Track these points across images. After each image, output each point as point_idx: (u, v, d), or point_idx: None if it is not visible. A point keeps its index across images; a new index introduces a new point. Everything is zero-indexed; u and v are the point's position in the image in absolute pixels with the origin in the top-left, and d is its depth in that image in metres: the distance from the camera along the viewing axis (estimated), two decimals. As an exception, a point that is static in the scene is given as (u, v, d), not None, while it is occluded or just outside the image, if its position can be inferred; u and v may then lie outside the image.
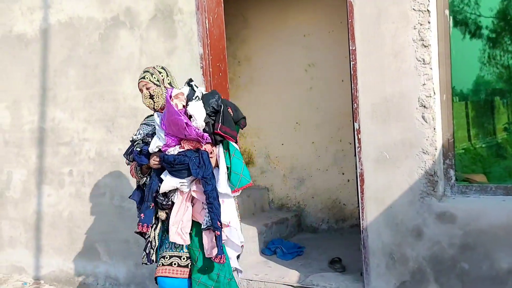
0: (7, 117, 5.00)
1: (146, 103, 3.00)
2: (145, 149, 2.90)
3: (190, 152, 2.77)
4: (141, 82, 3.02)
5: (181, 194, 2.85)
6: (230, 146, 2.90)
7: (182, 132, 2.75)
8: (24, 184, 4.99)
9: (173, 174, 2.78)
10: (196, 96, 2.85)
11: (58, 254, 4.80)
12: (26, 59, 4.83)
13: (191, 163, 2.73)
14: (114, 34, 4.30)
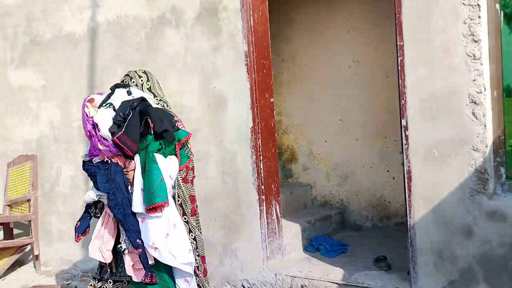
0: (57, 115, 5.21)
1: None
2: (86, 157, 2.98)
3: (102, 164, 2.73)
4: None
5: (106, 208, 2.82)
6: (147, 159, 2.73)
7: (91, 142, 2.76)
8: (72, 179, 5.18)
9: (94, 185, 2.79)
10: (107, 103, 2.78)
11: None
12: (75, 58, 5.01)
13: (99, 176, 2.69)
14: (160, 33, 4.42)
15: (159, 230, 2.72)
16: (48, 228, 5.43)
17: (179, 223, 2.88)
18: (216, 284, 4.27)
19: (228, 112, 4.12)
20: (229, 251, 4.19)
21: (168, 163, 2.80)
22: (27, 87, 5.43)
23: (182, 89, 4.33)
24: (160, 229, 2.72)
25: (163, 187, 2.68)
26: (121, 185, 2.69)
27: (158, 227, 2.72)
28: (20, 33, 5.42)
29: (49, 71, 5.23)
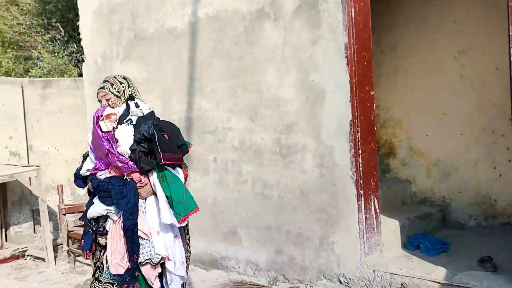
0: (159, 107, 5.49)
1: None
2: (77, 172, 2.93)
3: (115, 180, 2.71)
4: (100, 93, 2.95)
5: (113, 222, 2.80)
6: (166, 173, 2.75)
7: (104, 156, 2.71)
8: (172, 169, 5.44)
9: (100, 200, 2.75)
10: (128, 120, 2.76)
11: (202, 236, 5.19)
12: (176, 52, 5.25)
13: (114, 192, 2.65)
14: (259, 26, 4.52)
15: (171, 242, 2.83)
16: (149, 215, 5.75)
17: (179, 234, 2.96)
18: (311, 277, 4.34)
19: (326, 105, 4.14)
20: (326, 244, 4.23)
21: (181, 173, 2.88)
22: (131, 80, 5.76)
23: (280, 82, 4.42)
24: (172, 240, 2.83)
25: (190, 195, 2.81)
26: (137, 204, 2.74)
27: (171, 239, 2.83)
28: (125, 29, 5.76)
29: (152, 64, 5.53)
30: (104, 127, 2.70)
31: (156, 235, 2.79)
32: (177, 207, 2.71)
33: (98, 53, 6.15)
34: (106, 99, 2.89)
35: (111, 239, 2.74)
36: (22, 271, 5.68)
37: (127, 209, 2.65)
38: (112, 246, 2.73)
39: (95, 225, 2.80)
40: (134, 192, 2.69)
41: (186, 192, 2.79)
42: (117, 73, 3.13)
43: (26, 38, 7.85)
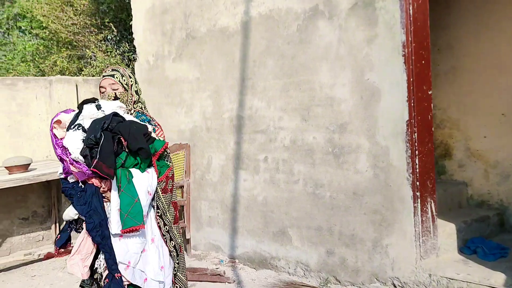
0: (210, 106, 5.55)
1: None
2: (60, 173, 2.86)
3: (77, 185, 2.70)
4: (107, 80, 2.84)
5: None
6: (122, 180, 2.64)
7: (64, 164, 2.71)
8: (222, 168, 5.49)
9: (72, 204, 2.74)
10: (76, 125, 2.63)
11: (252, 236, 5.20)
12: (227, 51, 5.29)
13: (75, 198, 2.67)
14: (313, 24, 4.49)
15: (137, 248, 2.72)
16: (198, 213, 5.82)
17: (157, 237, 2.85)
18: (364, 280, 4.28)
19: (382, 105, 4.08)
20: (379, 247, 4.16)
21: (145, 178, 2.74)
22: (182, 79, 5.86)
23: (333, 82, 4.38)
24: (137, 246, 2.72)
25: (138, 209, 2.64)
26: (98, 207, 2.64)
27: (135, 245, 2.71)
28: (177, 29, 5.85)
29: (203, 64, 5.59)
30: (58, 134, 2.65)
31: (118, 240, 2.68)
32: (121, 217, 2.63)
33: (150, 53, 6.26)
34: (113, 88, 2.83)
35: (81, 239, 2.71)
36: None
37: (85, 213, 2.61)
38: (80, 246, 2.70)
39: (75, 225, 2.80)
40: (94, 196, 2.61)
41: (135, 205, 2.63)
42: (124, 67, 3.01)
43: (80, 38, 8.07)
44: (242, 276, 4.99)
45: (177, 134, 6.01)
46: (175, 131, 6.03)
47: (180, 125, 5.96)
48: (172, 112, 6.06)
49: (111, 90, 2.82)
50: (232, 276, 4.98)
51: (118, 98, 2.82)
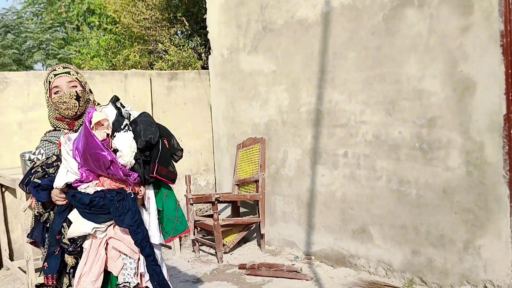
0: (286, 99, 5.48)
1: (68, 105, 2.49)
2: (44, 183, 2.35)
3: (111, 194, 2.31)
4: (62, 78, 2.50)
5: (93, 238, 2.40)
6: (162, 184, 2.48)
7: (104, 170, 2.28)
8: (298, 163, 5.42)
9: (86, 217, 2.32)
10: (125, 125, 2.34)
11: (329, 232, 5.11)
12: (306, 43, 5.20)
13: (113, 209, 2.29)
14: (400, 14, 4.34)
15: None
16: (272, 208, 5.78)
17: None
18: (452, 282, 4.11)
19: (476, 98, 3.88)
20: (471, 248, 3.98)
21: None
22: (257, 72, 5.82)
23: (422, 74, 4.21)
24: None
25: (182, 212, 2.56)
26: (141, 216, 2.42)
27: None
28: (253, 21, 5.81)
29: (280, 56, 5.52)
30: (99, 136, 2.29)
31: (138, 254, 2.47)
32: (167, 225, 2.49)
33: (225, 46, 6.26)
34: (72, 86, 2.50)
35: (85, 259, 2.36)
36: (149, 257, 5.92)
37: (133, 223, 2.31)
38: (85, 266, 2.35)
39: (71, 245, 2.33)
40: (137, 206, 2.36)
41: (179, 209, 2.54)
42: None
43: (151, 32, 8.19)
44: (319, 274, 4.91)
45: (251, 128, 5.98)
46: (249, 125, 6.01)
47: (254, 118, 5.93)
48: (246, 106, 6.04)
49: (69, 89, 2.48)
50: (309, 273, 4.91)
51: (80, 98, 2.50)
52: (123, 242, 2.36)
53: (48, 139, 2.58)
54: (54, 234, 2.32)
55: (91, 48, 10.20)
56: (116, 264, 2.40)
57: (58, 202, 2.34)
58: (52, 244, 2.34)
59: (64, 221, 2.32)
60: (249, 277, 5.00)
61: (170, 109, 7.04)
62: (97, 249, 2.37)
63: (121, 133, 2.31)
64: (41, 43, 13.06)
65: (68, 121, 2.58)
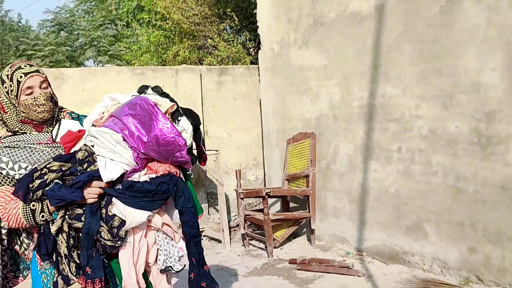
0: (337, 93, 5.46)
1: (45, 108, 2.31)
2: (83, 178, 2.18)
3: (166, 179, 2.30)
4: (34, 77, 2.29)
5: (133, 231, 2.32)
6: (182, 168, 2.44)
7: (170, 155, 2.26)
8: (350, 158, 5.39)
9: (139, 206, 2.24)
10: (180, 113, 2.36)
11: (382, 228, 5.06)
12: (358, 37, 5.16)
13: (173, 193, 2.30)
14: (458, 5, 4.25)
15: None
16: (323, 203, 5.78)
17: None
18: (510, 280, 4.01)
19: (539, 91, 3.77)
20: (532, 246, 3.87)
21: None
22: (308, 66, 5.82)
23: (481, 66, 4.11)
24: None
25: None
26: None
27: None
28: (304, 15, 5.81)
29: (331, 50, 5.50)
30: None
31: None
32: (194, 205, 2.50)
33: (275, 41, 6.28)
34: (44, 87, 2.32)
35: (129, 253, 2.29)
36: (200, 251, 6.02)
37: (190, 205, 2.31)
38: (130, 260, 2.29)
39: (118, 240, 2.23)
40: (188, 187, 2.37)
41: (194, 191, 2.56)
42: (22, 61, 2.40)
43: (201, 28, 8.30)
44: (372, 270, 4.88)
45: (302, 123, 5.99)
46: (300, 120, 6.01)
47: (305, 113, 5.94)
48: (296, 101, 6.05)
49: (44, 90, 2.32)
50: (361, 270, 4.89)
51: (53, 99, 2.36)
52: (171, 227, 2.37)
53: (9, 145, 2.28)
54: (92, 235, 2.18)
55: (141, 45, 10.42)
56: (152, 252, 2.37)
57: (90, 200, 2.19)
58: (90, 247, 2.19)
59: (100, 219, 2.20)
60: (300, 272, 5.03)
61: (219, 104, 7.13)
62: (139, 241, 2.32)
63: (183, 117, 2.32)
64: (93, 40, 13.45)
65: (36, 124, 2.34)
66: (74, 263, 2.23)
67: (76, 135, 2.30)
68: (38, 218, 2.18)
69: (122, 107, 2.26)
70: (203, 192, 6.97)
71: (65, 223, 2.21)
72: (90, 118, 2.33)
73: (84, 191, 2.17)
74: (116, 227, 2.21)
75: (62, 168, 2.18)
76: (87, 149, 2.23)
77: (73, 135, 2.31)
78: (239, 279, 4.97)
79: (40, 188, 2.15)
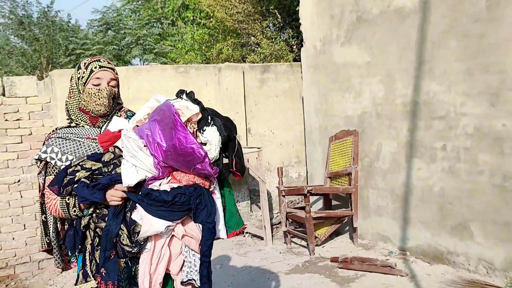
0: (380, 91, 5.40)
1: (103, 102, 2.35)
2: (104, 181, 2.18)
3: (189, 190, 2.19)
4: (107, 72, 2.37)
5: (155, 238, 2.25)
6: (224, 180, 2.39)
7: (191, 166, 2.16)
8: (393, 156, 5.33)
9: (159, 215, 2.17)
10: (210, 119, 2.25)
11: (426, 228, 4.99)
12: (402, 33, 5.09)
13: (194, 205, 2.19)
14: (505, 0, 4.13)
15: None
16: (365, 202, 5.73)
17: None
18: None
19: None
20: None
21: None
22: (351, 63, 5.78)
23: (530, 62, 3.99)
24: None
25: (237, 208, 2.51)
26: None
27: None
28: (346, 11, 5.77)
29: (374, 47, 5.45)
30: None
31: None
32: (230, 219, 2.44)
33: (318, 37, 6.26)
34: (112, 85, 2.39)
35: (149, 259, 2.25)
36: (242, 247, 6.09)
37: (210, 221, 2.21)
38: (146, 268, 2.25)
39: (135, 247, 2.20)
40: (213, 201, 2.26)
41: (235, 205, 2.50)
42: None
43: (244, 26, 8.36)
44: (415, 270, 4.82)
45: (344, 120, 5.96)
46: (342, 117, 5.98)
47: (347, 111, 5.90)
48: (339, 98, 6.02)
49: (110, 87, 2.38)
50: (404, 269, 4.82)
51: (114, 99, 2.43)
52: (195, 239, 2.25)
53: (62, 136, 2.38)
54: (111, 237, 2.17)
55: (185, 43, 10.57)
56: (176, 262, 2.30)
57: (113, 203, 2.18)
58: (108, 248, 2.17)
59: (121, 223, 2.18)
60: (342, 270, 5.01)
61: (262, 102, 7.17)
62: (161, 249, 2.25)
63: (209, 127, 2.23)
64: (139, 38, 13.73)
65: (92, 116, 2.40)
66: (96, 262, 2.25)
67: (112, 135, 2.32)
68: (72, 211, 2.23)
69: (153, 111, 2.24)
70: (245, 189, 7.03)
71: (91, 222, 2.24)
72: (134, 119, 2.33)
73: (107, 193, 2.17)
74: (137, 233, 2.18)
75: (92, 168, 2.20)
76: (115, 151, 2.25)
77: (110, 134, 2.33)
78: (280, 277, 4.99)
79: (69, 184, 2.19)
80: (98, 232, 2.25)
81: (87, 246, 2.29)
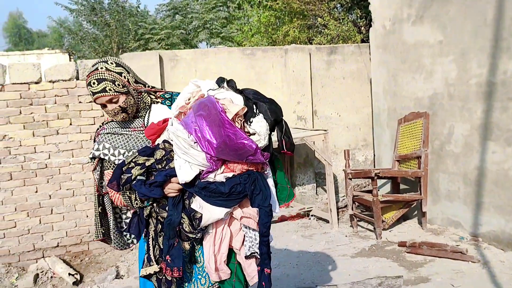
0: (453, 70, 5.22)
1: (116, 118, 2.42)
2: (160, 178, 2.27)
3: (243, 178, 2.28)
4: (101, 97, 2.34)
5: (216, 221, 2.35)
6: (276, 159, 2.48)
7: (243, 159, 2.23)
8: (466, 139, 5.15)
9: (218, 204, 2.28)
10: (257, 111, 2.30)
11: (500, 213, 4.81)
12: (477, 10, 4.88)
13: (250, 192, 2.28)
14: None
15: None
16: (435, 186, 5.59)
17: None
18: None
19: None
20: None
21: None
22: (422, 43, 5.61)
23: None
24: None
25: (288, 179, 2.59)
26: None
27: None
28: (418, -11, 5.59)
29: (447, 25, 5.26)
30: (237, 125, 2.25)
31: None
32: (281, 193, 2.55)
33: (387, 17, 6.12)
34: (114, 101, 2.38)
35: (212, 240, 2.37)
36: (307, 230, 6.11)
37: (266, 204, 2.30)
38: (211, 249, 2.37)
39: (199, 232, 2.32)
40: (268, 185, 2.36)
41: (286, 177, 2.59)
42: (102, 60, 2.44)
43: (311, 7, 8.28)
44: (488, 257, 4.67)
45: (414, 102, 5.81)
46: (412, 99, 5.84)
47: (417, 92, 5.75)
48: (408, 79, 5.87)
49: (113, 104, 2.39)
50: (476, 256, 4.68)
51: (126, 109, 2.43)
52: (253, 218, 2.34)
53: (110, 131, 2.49)
54: (174, 226, 2.29)
55: (252, 26, 10.61)
56: (237, 238, 2.41)
57: (171, 195, 2.30)
58: (172, 237, 2.31)
59: (182, 212, 2.30)
60: (409, 255, 4.93)
61: (329, 84, 7.10)
62: (222, 230, 2.37)
63: (256, 118, 2.29)
64: (205, 23, 13.91)
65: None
66: (159, 248, 2.39)
67: (158, 128, 2.39)
68: (134, 204, 2.37)
69: (197, 104, 2.26)
70: (311, 172, 7.02)
71: (153, 211, 2.38)
72: (176, 105, 2.39)
73: (164, 187, 2.29)
74: (198, 219, 2.28)
75: (146, 164, 2.29)
76: (165, 147, 2.32)
77: (156, 127, 2.40)
78: (346, 260, 4.98)
79: (127, 183, 2.29)
80: (160, 219, 2.38)
81: (151, 232, 2.44)
